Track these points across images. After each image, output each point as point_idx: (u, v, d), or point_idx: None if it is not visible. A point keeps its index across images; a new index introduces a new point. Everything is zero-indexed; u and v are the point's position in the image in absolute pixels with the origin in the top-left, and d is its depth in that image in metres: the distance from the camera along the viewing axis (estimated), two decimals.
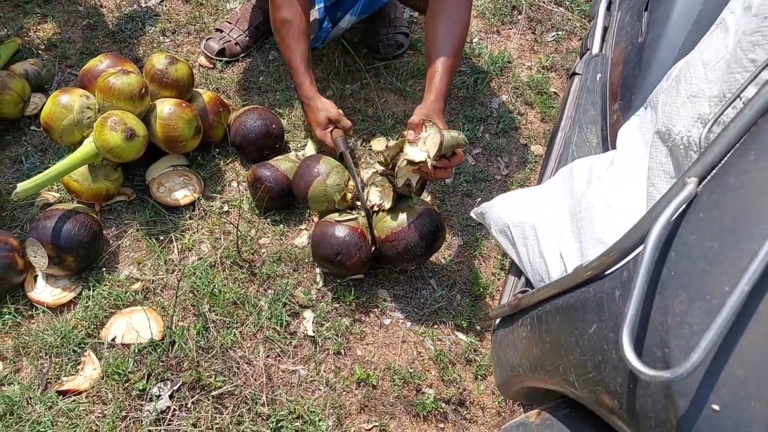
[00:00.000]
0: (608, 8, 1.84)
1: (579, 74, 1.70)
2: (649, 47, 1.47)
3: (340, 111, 1.96)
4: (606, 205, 1.20)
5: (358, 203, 1.80)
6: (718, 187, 0.70)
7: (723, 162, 0.71)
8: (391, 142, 1.67)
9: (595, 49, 1.73)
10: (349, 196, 1.82)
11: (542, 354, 1.01)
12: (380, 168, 1.73)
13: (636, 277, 0.71)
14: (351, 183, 1.82)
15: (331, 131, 1.95)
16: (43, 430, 1.51)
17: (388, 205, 1.72)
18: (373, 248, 1.78)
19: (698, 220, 0.71)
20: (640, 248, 0.75)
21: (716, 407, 0.65)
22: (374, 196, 1.75)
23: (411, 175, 1.65)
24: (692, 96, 0.95)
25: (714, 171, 0.72)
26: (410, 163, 1.59)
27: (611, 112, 1.53)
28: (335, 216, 1.80)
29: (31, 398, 1.55)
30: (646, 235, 0.72)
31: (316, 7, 2.10)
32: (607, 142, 1.52)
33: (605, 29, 1.78)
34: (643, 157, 1.18)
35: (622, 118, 1.44)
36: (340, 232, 1.74)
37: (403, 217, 1.71)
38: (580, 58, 1.79)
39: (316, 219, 1.97)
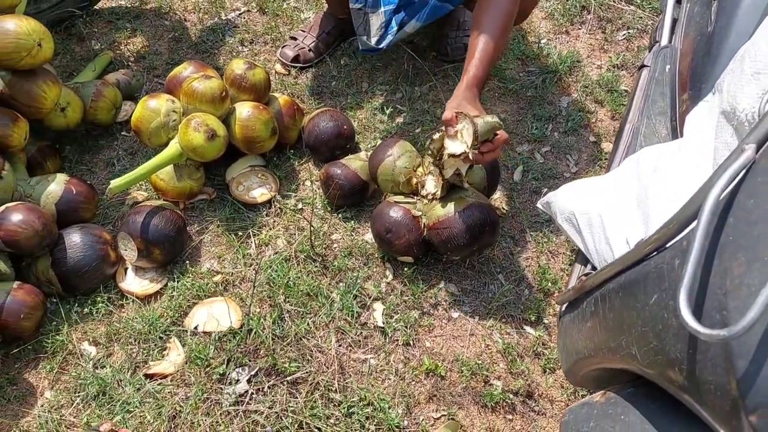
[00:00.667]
0: (677, 1, 1.82)
1: (648, 66, 1.69)
2: (719, 36, 1.46)
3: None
4: (673, 191, 1.20)
5: (423, 191, 1.85)
6: None
7: None
8: (436, 135, 1.72)
9: (664, 41, 1.72)
10: (414, 181, 1.87)
11: (606, 332, 1.03)
12: (432, 159, 1.78)
13: (693, 241, 0.72)
14: (419, 170, 1.87)
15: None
16: (132, 409, 1.62)
17: (440, 194, 1.78)
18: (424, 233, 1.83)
19: (756, 185, 0.72)
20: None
21: None
22: (430, 184, 1.81)
23: (460, 164, 1.70)
24: (757, 73, 0.95)
25: None
26: (452, 156, 1.65)
27: (680, 102, 1.53)
28: (397, 197, 1.88)
29: (121, 380, 1.67)
30: (704, 201, 0.74)
31: (382, 9, 2.18)
32: (677, 133, 1.51)
33: (674, 21, 1.77)
34: (710, 141, 1.18)
35: (692, 108, 1.43)
36: (395, 212, 1.83)
37: (451, 206, 1.76)
38: (649, 51, 1.78)
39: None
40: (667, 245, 0.87)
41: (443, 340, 1.79)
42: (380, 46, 2.25)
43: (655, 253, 0.89)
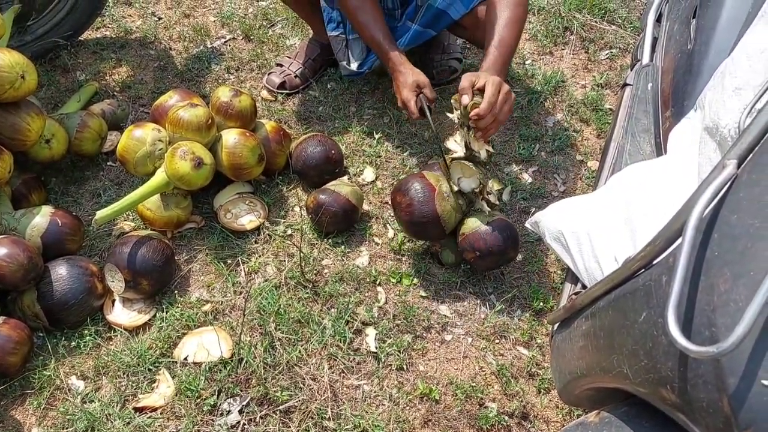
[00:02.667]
0: (657, 20, 1.85)
1: (630, 85, 1.71)
2: (699, 53, 1.47)
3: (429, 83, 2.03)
4: (658, 207, 1.20)
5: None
6: (757, 166, 0.71)
7: (761, 143, 0.72)
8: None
9: (645, 60, 1.74)
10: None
11: (598, 351, 1.02)
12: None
13: (678, 257, 0.72)
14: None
15: (417, 96, 2.00)
16: None
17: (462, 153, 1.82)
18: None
19: (739, 200, 0.72)
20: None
21: (766, 382, 0.66)
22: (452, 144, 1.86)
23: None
24: (737, 88, 0.96)
25: (753, 152, 0.73)
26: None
27: (663, 120, 1.54)
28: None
29: (110, 415, 1.64)
30: (688, 218, 0.73)
31: None
32: (661, 149, 1.52)
33: (655, 40, 1.79)
34: (694, 157, 1.18)
35: (675, 124, 1.45)
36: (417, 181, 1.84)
37: (476, 220, 1.82)
38: (631, 69, 1.80)
39: (377, 240, 2.03)
40: (654, 262, 0.86)
41: (437, 364, 1.77)
42: (362, 70, 2.26)
43: (642, 270, 0.89)
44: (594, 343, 1.03)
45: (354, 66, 2.26)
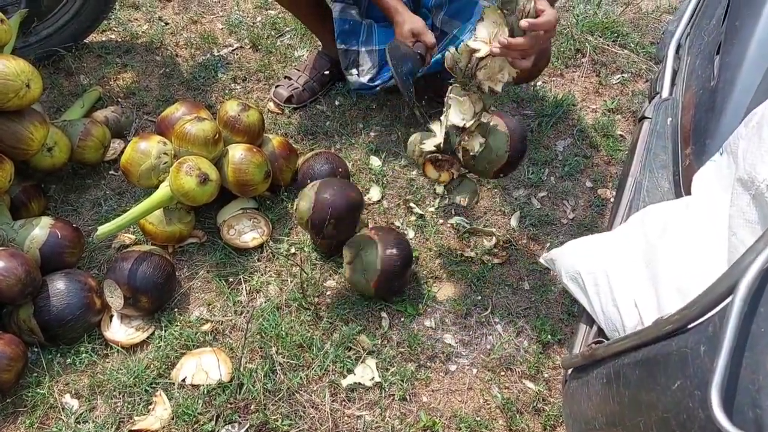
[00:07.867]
0: (677, 51, 1.81)
1: (649, 118, 1.67)
2: (723, 91, 1.44)
3: (428, 28, 1.93)
4: (684, 253, 1.17)
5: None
6: None
7: None
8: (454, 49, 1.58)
9: (665, 93, 1.71)
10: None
11: (620, 409, 0.98)
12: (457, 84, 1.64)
13: (725, 333, 0.68)
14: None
15: (414, 44, 1.92)
16: None
17: (469, 122, 1.64)
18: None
19: None
20: (727, 301, 0.73)
21: None
22: (455, 117, 1.66)
23: (492, 71, 1.56)
24: None
25: None
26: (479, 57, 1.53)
27: (683, 157, 1.50)
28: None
29: None
30: (735, 288, 0.70)
31: (376, 47, 2.16)
32: (680, 187, 1.48)
33: (674, 72, 1.75)
34: (722, 204, 1.15)
35: (695, 163, 1.41)
36: None
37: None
38: (649, 102, 1.77)
39: None
40: (689, 327, 0.83)
41: (441, 395, 1.73)
42: (374, 84, 2.22)
43: (676, 333, 0.85)
44: (617, 400, 0.99)
45: (365, 79, 2.22)
